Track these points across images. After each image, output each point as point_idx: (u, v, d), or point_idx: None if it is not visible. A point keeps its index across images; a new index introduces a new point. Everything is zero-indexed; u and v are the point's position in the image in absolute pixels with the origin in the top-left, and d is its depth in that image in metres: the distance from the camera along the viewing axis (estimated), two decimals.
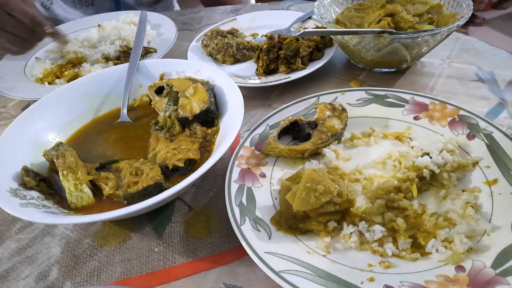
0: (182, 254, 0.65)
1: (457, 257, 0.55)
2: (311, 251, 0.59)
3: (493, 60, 1.00)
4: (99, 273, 0.65)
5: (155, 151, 0.74)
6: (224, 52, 1.12)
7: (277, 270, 0.54)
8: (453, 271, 0.54)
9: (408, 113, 0.80)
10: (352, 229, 0.61)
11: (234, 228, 0.61)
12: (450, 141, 0.71)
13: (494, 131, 0.70)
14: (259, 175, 0.72)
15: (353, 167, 0.73)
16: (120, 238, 0.70)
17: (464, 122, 0.75)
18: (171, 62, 0.91)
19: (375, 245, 0.59)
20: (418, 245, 0.58)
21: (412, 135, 0.77)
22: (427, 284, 0.52)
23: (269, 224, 0.63)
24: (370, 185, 0.68)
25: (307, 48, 1.01)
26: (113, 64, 1.17)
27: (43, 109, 0.82)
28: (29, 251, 0.70)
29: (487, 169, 0.67)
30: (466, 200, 0.62)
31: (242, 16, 1.33)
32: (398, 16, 0.93)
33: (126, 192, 0.65)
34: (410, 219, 0.62)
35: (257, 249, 0.57)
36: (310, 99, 0.85)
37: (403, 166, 0.70)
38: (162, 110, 0.81)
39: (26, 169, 0.69)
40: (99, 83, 0.90)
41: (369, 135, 0.79)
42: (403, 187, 0.66)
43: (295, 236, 0.62)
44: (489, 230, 0.57)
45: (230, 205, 0.65)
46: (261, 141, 0.78)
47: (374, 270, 0.56)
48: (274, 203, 0.68)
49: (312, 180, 0.61)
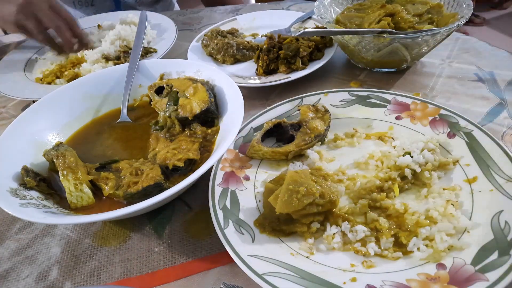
0: (182, 254, 0.65)
1: (438, 255, 0.56)
2: (294, 253, 0.59)
3: (493, 60, 1.00)
4: (99, 273, 0.65)
5: (155, 151, 0.74)
6: (224, 52, 1.12)
7: (260, 273, 0.54)
8: (434, 269, 0.54)
9: (390, 113, 0.81)
10: (335, 230, 0.61)
11: (218, 232, 0.61)
12: (431, 140, 0.72)
13: (474, 129, 0.71)
14: (243, 177, 0.72)
15: (337, 167, 0.73)
16: (120, 238, 0.70)
17: (444, 121, 0.76)
18: (171, 62, 0.91)
19: (358, 245, 0.59)
20: (400, 244, 0.59)
21: (394, 135, 0.78)
22: (409, 282, 0.53)
23: (253, 226, 0.63)
24: (353, 185, 0.69)
25: (307, 48, 1.01)
26: (113, 64, 1.17)
27: (43, 109, 0.82)
28: (29, 251, 0.70)
29: (467, 167, 0.67)
30: (447, 198, 0.63)
31: (242, 16, 1.33)
32: (398, 16, 0.93)
33: (126, 192, 0.65)
34: (392, 218, 0.63)
35: (240, 252, 0.58)
36: (294, 100, 0.86)
37: (385, 165, 0.71)
38: (162, 110, 0.81)
39: (26, 169, 0.69)
40: (99, 83, 0.90)
41: (352, 135, 0.79)
42: (385, 187, 0.67)
43: (278, 238, 0.62)
44: (469, 227, 0.58)
45: (214, 209, 0.65)
46: (245, 144, 0.78)
47: (357, 270, 0.56)
48: (258, 205, 0.68)
49: (294, 182, 0.61)
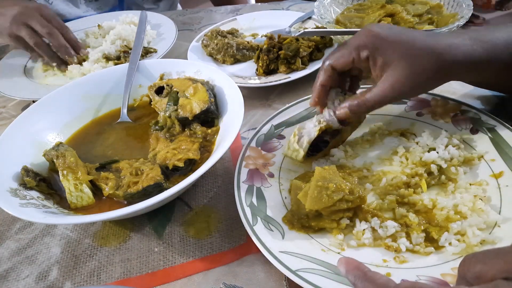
0: (182, 254, 0.65)
1: (471, 249, 0.55)
2: (325, 249, 0.59)
3: None
4: (99, 273, 0.65)
5: (155, 151, 0.74)
6: (224, 52, 1.12)
7: (294, 269, 0.54)
8: None
9: (410, 110, 0.81)
10: (365, 226, 0.61)
11: (247, 229, 0.61)
12: (455, 136, 0.72)
13: (497, 125, 0.71)
14: (267, 175, 0.72)
15: (361, 164, 0.73)
16: (120, 238, 0.70)
17: (466, 117, 0.75)
18: (171, 62, 0.91)
19: (388, 241, 0.59)
20: (431, 239, 0.59)
21: (416, 131, 0.78)
22: (444, 277, 0.52)
23: (281, 223, 0.63)
24: (379, 181, 0.69)
25: (307, 48, 1.01)
26: (113, 64, 1.17)
27: (43, 109, 0.82)
28: (29, 251, 0.70)
29: (493, 162, 0.67)
30: (474, 193, 0.63)
31: (242, 16, 1.33)
32: (398, 16, 0.93)
33: (126, 192, 0.65)
34: (421, 213, 0.62)
35: (272, 249, 0.57)
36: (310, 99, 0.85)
37: (410, 161, 0.70)
38: (162, 110, 0.81)
39: (26, 169, 0.69)
40: (99, 83, 0.90)
41: (374, 132, 0.79)
42: (412, 183, 0.66)
43: (308, 235, 0.62)
44: (499, 221, 0.58)
45: (241, 206, 0.64)
46: (267, 141, 0.78)
47: (390, 266, 0.56)
48: (284, 202, 0.68)
49: (323, 179, 0.61)
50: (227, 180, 0.77)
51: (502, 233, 0.57)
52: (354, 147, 0.78)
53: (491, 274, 0.36)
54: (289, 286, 0.58)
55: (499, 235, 0.57)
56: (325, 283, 0.52)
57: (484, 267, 0.37)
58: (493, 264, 0.36)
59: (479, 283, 0.37)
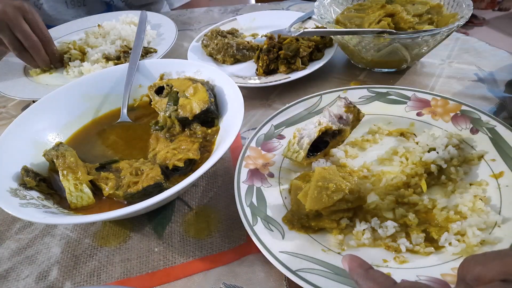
0: (182, 254, 0.65)
1: (471, 249, 0.56)
2: (325, 249, 0.59)
3: (493, 60, 1.00)
4: (99, 273, 0.65)
5: (155, 151, 0.74)
6: (224, 52, 1.12)
7: (294, 269, 0.54)
8: None
9: (410, 110, 0.81)
10: (364, 226, 0.61)
11: (247, 229, 0.61)
12: (455, 136, 0.72)
13: (497, 125, 0.71)
14: (267, 175, 0.72)
15: (361, 164, 0.73)
16: (120, 238, 0.70)
17: (466, 117, 0.75)
18: (171, 62, 0.91)
19: (388, 241, 0.59)
20: (431, 240, 0.59)
21: (416, 131, 0.78)
22: (444, 277, 0.53)
23: (281, 223, 0.63)
24: (379, 181, 0.69)
25: (307, 48, 1.01)
26: (113, 64, 1.17)
27: (43, 109, 0.82)
28: (29, 251, 0.70)
29: (493, 162, 0.67)
30: (474, 193, 0.63)
31: (242, 16, 1.33)
32: (398, 16, 0.93)
33: (126, 192, 0.65)
34: (421, 213, 0.63)
35: (272, 249, 0.57)
36: (311, 98, 0.85)
37: (410, 162, 0.70)
38: (162, 110, 0.81)
39: (26, 169, 0.69)
40: (99, 83, 0.90)
41: (374, 132, 0.79)
42: (411, 183, 0.67)
43: (308, 235, 0.62)
44: (499, 222, 0.58)
45: (241, 206, 0.64)
46: (267, 141, 0.78)
47: (390, 266, 0.56)
48: (284, 202, 0.68)
49: (323, 179, 0.61)
50: (227, 180, 0.77)
51: (502, 233, 0.57)
52: (354, 147, 0.78)
53: (490, 276, 0.36)
54: (289, 286, 0.58)
55: (499, 235, 0.57)
56: (325, 283, 0.52)
57: (483, 269, 0.37)
58: (492, 266, 0.37)
59: (478, 285, 0.37)
